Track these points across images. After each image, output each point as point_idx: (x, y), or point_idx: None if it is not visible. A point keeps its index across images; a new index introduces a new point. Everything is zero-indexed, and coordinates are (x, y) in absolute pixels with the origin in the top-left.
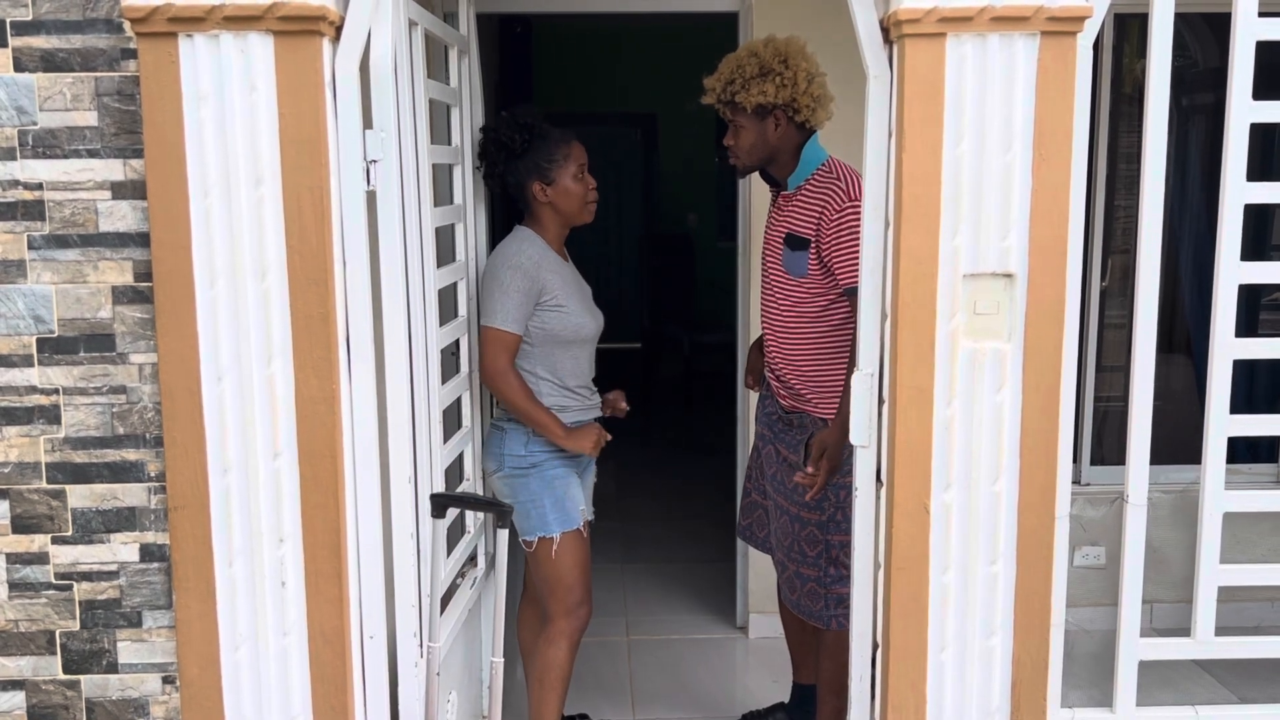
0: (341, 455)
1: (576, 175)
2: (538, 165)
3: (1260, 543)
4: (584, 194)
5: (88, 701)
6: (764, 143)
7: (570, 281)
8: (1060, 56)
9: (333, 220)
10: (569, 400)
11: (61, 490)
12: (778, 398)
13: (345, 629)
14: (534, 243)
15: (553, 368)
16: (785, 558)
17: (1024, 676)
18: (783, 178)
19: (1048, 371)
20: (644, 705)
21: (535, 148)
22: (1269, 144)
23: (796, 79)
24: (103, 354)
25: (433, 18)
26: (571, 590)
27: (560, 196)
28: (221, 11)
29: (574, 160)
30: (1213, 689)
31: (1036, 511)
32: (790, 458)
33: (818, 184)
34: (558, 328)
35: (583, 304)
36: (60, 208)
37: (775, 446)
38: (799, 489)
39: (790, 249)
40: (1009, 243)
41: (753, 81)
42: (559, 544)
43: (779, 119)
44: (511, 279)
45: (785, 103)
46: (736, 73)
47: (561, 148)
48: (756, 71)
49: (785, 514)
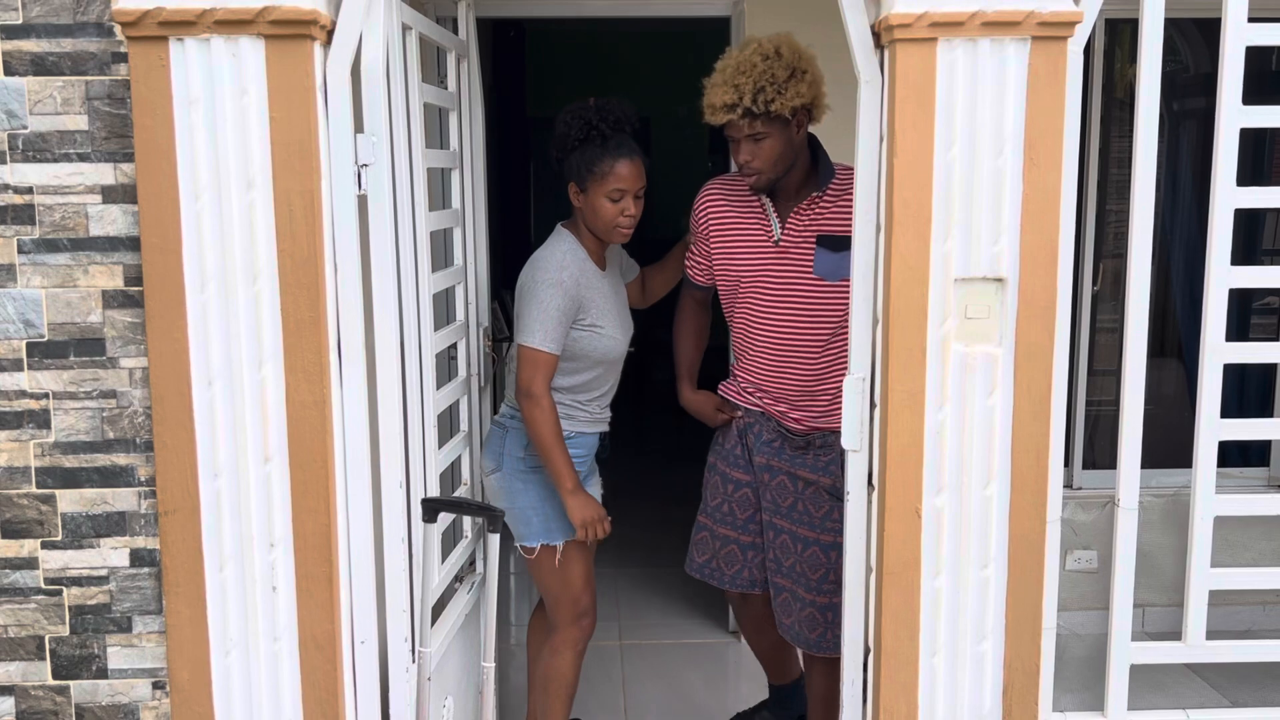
0: (332, 460)
1: (612, 196)
2: (578, 168)
3: (1251, 546)
4: (613, 217)
5: (77, 707)
6: (789, 149)
7: (610, 295)
8: (1051, 61)
9: (324, 224)
10: (578, 412)
11: (51, 495)
12: (785, 422)
13: (336, 634)
14: (574, 253)
15: (583, 384)
16: (814, 592)
17: (1015, 681)
18: (793, 180)
19: (1039, 376)
20: (636, 710)
21: (586, 149)
22: (1260, 149)
23: (818, 74)
24: (93, 358)
25: (428, 22)
26: (577, 600)
27: (588, 209)
28: (212, 15)
29: (613, 180)
30: (1204, 693)
31: (1028, 516)
32: (822, 480)
33: (846, 180)
34: (589, 348)
35: (618, 319)
36: (50, 211)
37: (791, 474)
38: (832, 514)
39: (830, 250)
40: (1000, 247)
41: (788, 85)
42: (563, 553)
43: (801, 121)
44: (551, 297)
45: (810, 102)
46: (765, 78)
47: (605, 161)
48: (787, 75)
49: (815, 545)
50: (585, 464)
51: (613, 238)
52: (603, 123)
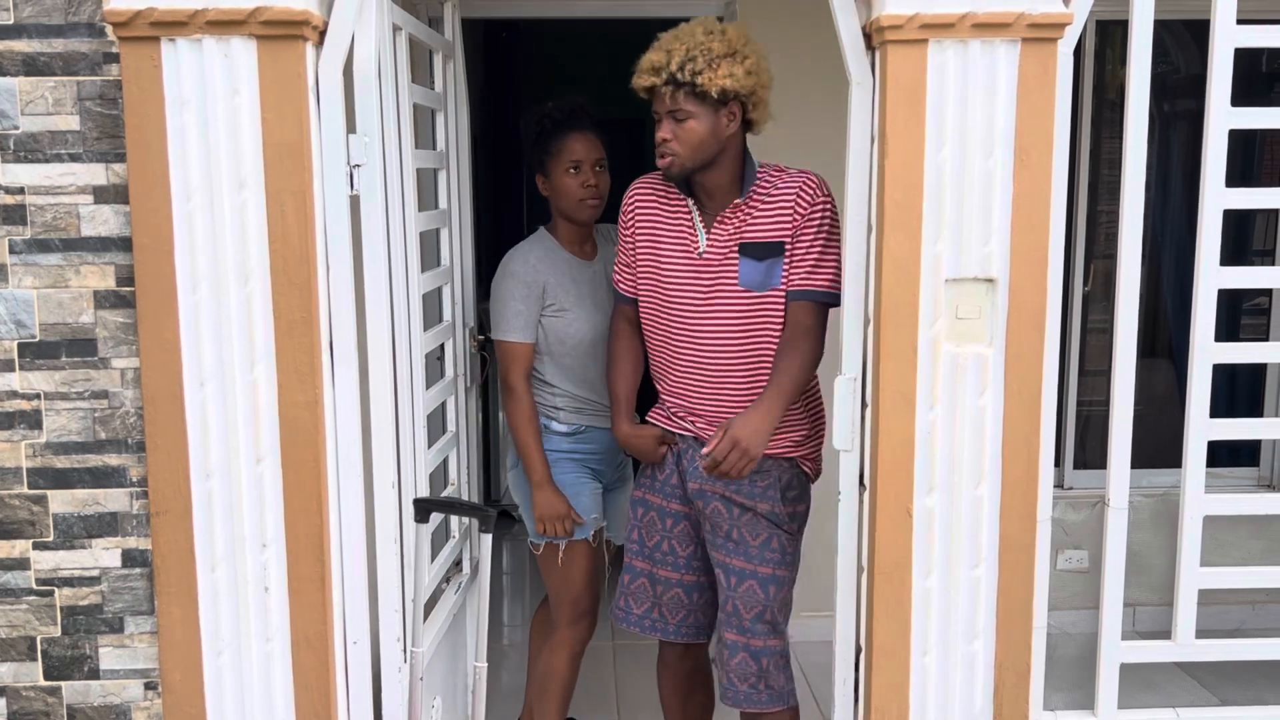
0: (324, 460)
1: (570, 170)
2: (538, 157)
3: (1241, 546)
4: (576, 190)
5: (69, 708)
6: (713, 139)
7: (584, 282)
8: (1041, 63)
9: (316, 225)
10: (585, 405)
11: (43, 495)
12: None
13: (328, 634)
14: (541, 244)
15: (567, 373)
16: (747, 635)
17: (1006, 680)
18: (719, 183)
19: (1029, 376)
20: (629, 710)
21: (541, 138)
22: (1250, 150)
23: (761, 68)
24: (84, 359)
25: (417, 23)
26: (577, 601)
27: (553, 191)
28: (204, 16)
29: (567, 154)
30: (1194, 691)
31: (1018, 515)
32: (759, 506)
33: (770, 183)
34: (560, 333)
35: (594, 306)
36: (42, 212)
37: (726, 498)
38: (770, 542)
39: (755, 260)
40: (990, 248)
41: (721, 62)
42: (565, 552)
43: (734, 113)
44: (510, 287)
45: (747, 92)
46: (698, 49)
47: (557, 139)
48: (724, 52)
49: (752, 578)
50: (603, 461)
51: (582, 212)
52: (556, 113)
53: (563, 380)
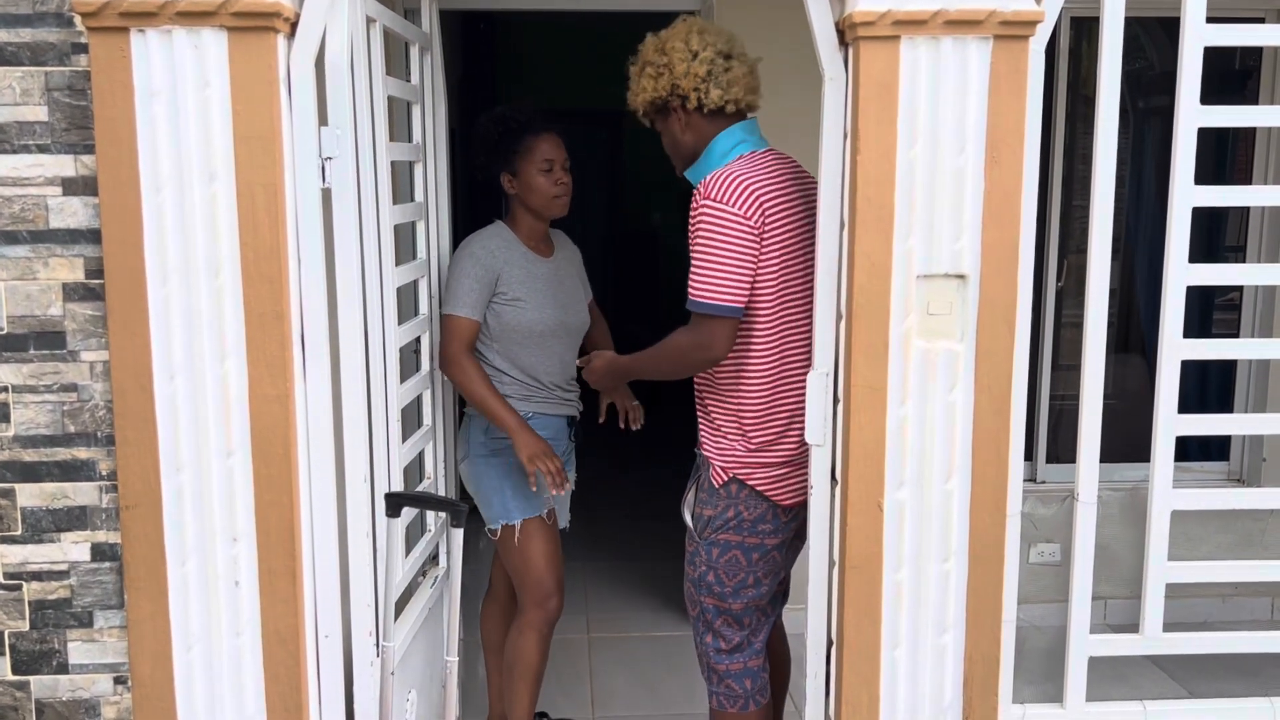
0: (296, 454)
1: (542, 168)
2: (505, 156)
3: (1209, 539)
4: (549, 188)
5: (37, 702)
6: (677, 140)
7: (539, 276)
8: (1013, 60)
9: (287, 217)
10: (534, 392)
11: (11, 489)
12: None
13: (299, 628)
14: (500, 235)
15: (515, 361)
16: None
17: (976, 673)
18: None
19: (999, 372)
20: (603, 703)
21: (506, 138)
22: (1221, 147)
23: (672, 64)
24: (53, 351)
25: (393, 15)
26: (540, 581)
27: (524, 189)
28: (174, 7)
29: (540, 153)
30: (1163, 683)
31: (988, 510)
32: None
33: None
34: (512, 322)
35: (548, 298)
36: (9, 204)
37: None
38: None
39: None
40: (962, 244)
41: (635, 81)
42: (521, 531)
43: (677, 112)
44: (466, 266)
45: (668, 92)
46: (629, 77)
47: (527, 139)
48: (638, 70)
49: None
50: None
51: (553, 209)
52: (520, 115)
53: (511, 367)
